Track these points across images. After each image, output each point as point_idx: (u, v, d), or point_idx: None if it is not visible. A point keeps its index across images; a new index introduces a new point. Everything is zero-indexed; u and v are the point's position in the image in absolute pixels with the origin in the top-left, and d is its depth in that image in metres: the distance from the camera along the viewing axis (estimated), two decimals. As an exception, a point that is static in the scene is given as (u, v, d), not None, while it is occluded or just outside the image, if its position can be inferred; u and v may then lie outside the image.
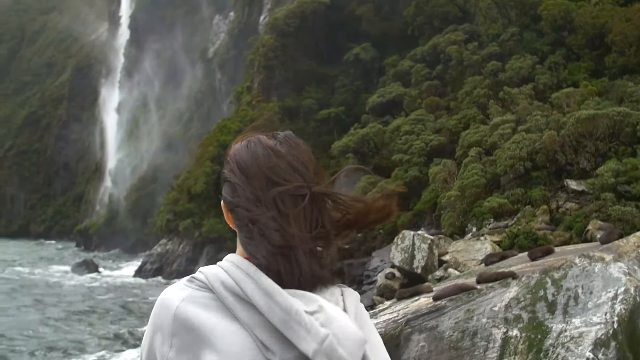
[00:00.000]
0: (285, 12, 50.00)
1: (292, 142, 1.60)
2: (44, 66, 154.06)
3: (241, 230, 1.53)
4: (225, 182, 1.60)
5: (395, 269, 18.03)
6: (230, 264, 1.48)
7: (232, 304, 1.41)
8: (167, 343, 1.44)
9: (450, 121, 30.06)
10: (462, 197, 22.03)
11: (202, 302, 1.44)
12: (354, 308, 1.52)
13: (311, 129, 44.37)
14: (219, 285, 1.44)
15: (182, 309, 1.44)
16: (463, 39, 35.23)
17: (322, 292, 1.49)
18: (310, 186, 1.51)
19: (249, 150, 1.57)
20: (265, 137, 1.60)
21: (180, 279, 1.55)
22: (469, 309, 10.12)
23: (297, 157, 1.56)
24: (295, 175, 1.52)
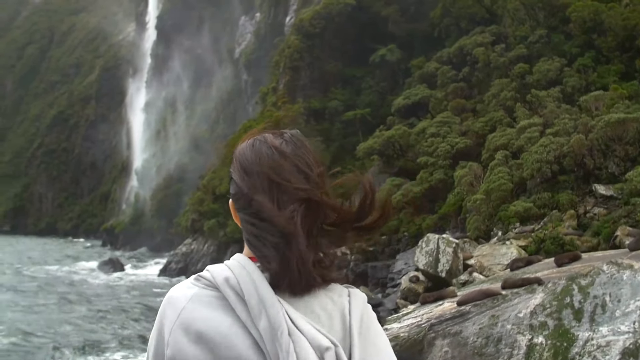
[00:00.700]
0: (311, 13, 50.01)
1: (298, 141, 1.60)
2: (73, 66, 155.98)
3: (244, 229, 1.54)
4: (231, 179, 1.61)
5: (420, 272, 17.90)
6: (237, 263, 1.49)
7: (234, 301, 1.43)
8: (170, 341, 1.46)
9: (476, 124, 29.82)
10: (487, 201, 21.82)
11: (207, 301, 1.46)
12: (359, 311, 1.52)
13: (336, 131, 44.35)
14: (223, 283, 1.46)
15: (189, 308, 1.46)
16: (490, 40, 34.92)
17: (326, 294, 1.51)
18: (311, 190, 1.50)
19: (254, 149, 1.58)
20: (272, 136, 1.61)
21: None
22: (493, 315, 10.02)
23: (302, 158, 1.55)
24: (299, 176, 1.51)
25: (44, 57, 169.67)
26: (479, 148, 27.41)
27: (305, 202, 1.48)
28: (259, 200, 1.48)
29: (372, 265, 28.02)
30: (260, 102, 57.22)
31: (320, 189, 1.53)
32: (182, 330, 1.45)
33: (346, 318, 1.49)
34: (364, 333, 1.49)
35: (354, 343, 1.45)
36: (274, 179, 1.49)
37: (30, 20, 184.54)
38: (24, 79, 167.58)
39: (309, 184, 1.51)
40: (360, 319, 1.50)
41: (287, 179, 1.49)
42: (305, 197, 1.48)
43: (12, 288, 34.19)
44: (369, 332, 1.50)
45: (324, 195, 1.53)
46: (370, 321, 1.54)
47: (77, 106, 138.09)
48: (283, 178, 1.49)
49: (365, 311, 1.54)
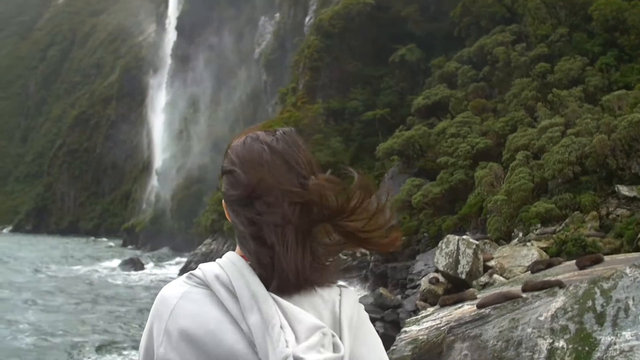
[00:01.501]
0: (330, 13, 49.97)
1: (290, 139, 1.59)
2: (94, 67, 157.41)
3: (235, 227, 1.55)
4: (222, 176, 1.61)
5: (439, 273, 17.77)
6: (228, 260, 1.50)
7: (224, 298, 1.43)
8: (160, 340, 1.47)
9: (497, 124, 29.59)
10: (508, 202, 21.63)
11: (198, 298, 1.47)
12: (349, 310, 1.51)
13: (356, 131, 44.30)
14: (213, 280, 1.46)
15: (179, 306, 1.47)
16: (511, 39, 34.63)
17: (317, 292, 1.50)
18: (301, 189, 1.49)
19: (245, 146, 1.58)
20: (264, 133, 1.61)
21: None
22: (513, 318, 9.92)
23: (293, 155, 1.54)
24: (289, 174, 1.51)
25: (66, 58, 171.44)
26: (500, 148, 27.18)
27: (296, 201, 1.47)
28: (248, 198, 1.48)
29: (391, 266, 27.93)
30: (279, 103, 57.27)
31: (310, 187, 1.50)
32: (173, 328, 1.45)
33: (336, 317, 1.48)
34: (353, 332, 1.48)
35: (343, 340, 1.43)
36: (264, 176, 1.49)
37: (53, 22, 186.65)
38: (47, 80, 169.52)
39: (299, 183, 1.50)
40: (350, 318, 1.49)
41: (277, 177, 1.48)
42: (295, 196, 1.47)
43: (32, 288, 34.50)
44: (359, 331, 1.50)
45: (315, 194, 1.50)
46: (361, 320, 1.53)
47: (98, 106, 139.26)
48: (273, 176, 1.49)
49: (356, 311, 1.53)
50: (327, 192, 1.51)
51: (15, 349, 19.88)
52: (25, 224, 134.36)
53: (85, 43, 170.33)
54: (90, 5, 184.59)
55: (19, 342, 20.74)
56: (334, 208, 1.51)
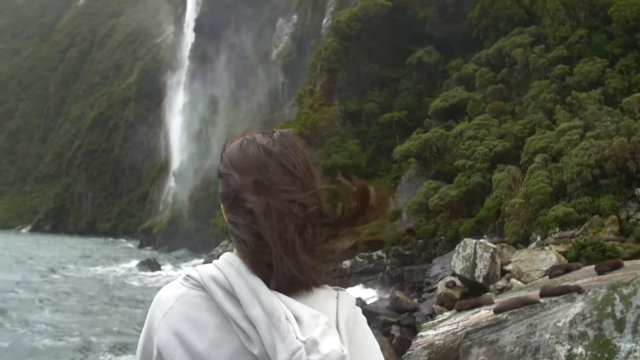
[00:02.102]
0: (348, 15, 49.92)
1: (287, 141, 1.57)
2: (112, 68, 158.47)
3: (231, 227, 1.53)
4: (219, 178, 1.60)
5: (456, 277, 17.64)
6: (224, 261, 1.50)
7: (220, 299, 1.42)
8: (155, 342, 1.47)
9: (515, 126, 29.37)
10: (526, 205, 21.44)
11: (194, 301, 1.46)
12: (345, 313, 1.50)
13: (373, 133, 44.22)
14: (209, 282, 1.45)
15: (175, 309, 1.47)
16: (529, 41, 34.39)
17: (313, 295, 1.49)
18: (296, 192, 1.48)
19: (241, 148, 1.56)
20: (261, 135, 1.59)
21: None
22: (531, 324, 9.81)
23: (289, 158, 1.53)
24: (284, 177, 1.49)
25: (85, 59, 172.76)
26: (518, 151, 26.98)
27: (290, 204, 1.45)
28: (243, 201, 1.47)
29: (408, 269, 27.82)
30: (297, 104, 57.27)
31: (307, 190, 1.50)
32: (168, 330, 1.45)
33: (332, 319, 1.46)
34: (349, 334, 1.46)
35: (341, 339, 1.42)
36: (259, 179, 1.47)
37: (72, 23, 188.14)
38: (66, 81, 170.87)
39: (295, 186, 1.49)
40: (347, 320, 1.48)
41: (271, 180, 1.48)
42: (289, 199, 1.46)
43: (49, 288, 34.67)
44: (355, 334, 1.49)
45: (311, 197, 1.49)
46: (357, 323, 1.53)
47: (117, 107, 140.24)
48: (268, 178, 1.48)
49: (352, 313, 1.53)
50: (323, 195, 1.53)
51: (31, 348, 19.97)
52: (44, 224, 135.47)
53: (104, 44, 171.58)
54: (109, 7, 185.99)
55: (35, 342, 20.83)
56: (330, 213, 1.52)
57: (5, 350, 19.59)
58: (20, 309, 26.86)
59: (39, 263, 51.09)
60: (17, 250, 67.06)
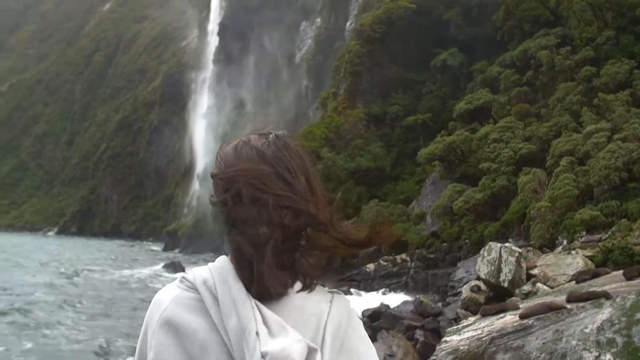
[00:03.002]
0: (371, 18, 49.85)
1: (281, 143, 1.53)
2: (137, 72, 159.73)
3: (224, 232, 1.53)
4: (213, 181, 1.58)
5: (481, 281, 17.46)
6: (218, 265, 1.49)
7: (209, 304, 1.43)
8: (151, 343, 1.47)
9: (540, 129, 29.11)
10: (552, 209, 21.21)
11: (187, 303, 1.46)
12: (338, 317, 1.48)
13: (397, 136, 44.11)
14: (201, 285, 1.46)
15: (170, 310, 1.47)
16: (555, 43, 34.08)
17: (306, 298, 1.47)
18: (287, 196, 1.44)
19: (236, 151, 1.53)
20: (257, 137, 1.56)
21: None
22: (557, 330, 9.64)
23: (283, 161, 1.49)
24: (277, 181, 1.46)
25: (110, 63, 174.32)
26: (544, 154, 26.73)
27: (280, 210, 1.43)
28: (232, 203, 1.46)
29: (432, 273, 27.67)
30: (320, 108, 57.32)
31: (300, 194, 1.46)
32: (162, 332, 1.45)
33: (321, 324, 1.45)
34: (340, 340, 1.46)
35: (324, 350, 1.41)
36: (250, 182, 1.44)
37: (98, 28, 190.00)
38: (92, 85, 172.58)
39: (288, 190, 1.45)
40: (338, 325, 1.47)
41: (263, 183, 1.44)
42: (280, 204, 1.43)
43: (72, 290, 34.83)
44: (349, 338, 1.48)
45: (304, 202, 1.46)
46: (351, 328, 1.51)
47: (142, 111, 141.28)
48: (259, 181, 1.44)
49: (345, 318, 1.51)
50: (321, 199, 1.49)
51: (53, 350, 20.07)
52: (70, 226, 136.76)
53: (130, 49, 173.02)
54: (134, 11, 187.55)
55: (56, 344, 20.90)
56: (320, 217, 1.48)
57: (27, 351, 19.75)
58: (43, 311, 27.01)
59: (64, 265, 51.47)
60: (43, 252, 67.72)
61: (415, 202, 35.24)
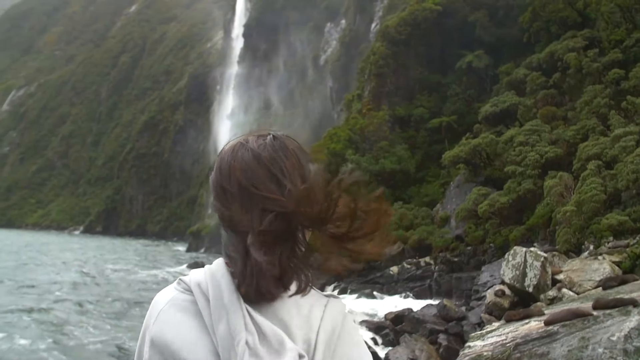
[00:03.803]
0: (396, 20, 49.71)
1: (278, 145, 1.52)
2: (163, 73, 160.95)
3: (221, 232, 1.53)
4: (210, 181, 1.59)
5: (505, 286, 17.30)
6: (214, 267, 1.50)
7: (202, 307, 1.44)
8: (148, 344, 1.48)
9: (567, 132, 28.80)
10: (579, 213, 20.95)
11: (182, 305, 1.48)
12: (331, 322, 1.46)
13: (422, 138, 43.91)
14: (195, 287, 1.47)
15: (165, 312, 1.49)
16: (582, 45, 33.71)
17: (300, 303, 1.46)
18: (279, 199, 1.42)
19: (232, 153, 1.52)
20: (254, 138, 1.55)
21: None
22: (583, 337, 9.51)
23: (277, 163, 1.47)
24: (270, 183, 1.44)
25: (137, 65, 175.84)
26: (570, 157, 26.43)
27: (273, 209, 1.41)
28: (225, 205, 1.46)
29: (456, 277, 27.48)
30: (345, 109, 57.25)
31: (294, 198, 1.43)
32: (156, 333, 1.46)
33: (314, 329, 1.43)
34: (333, 346, 1.44)
35: (316, 357, 1.39)
36: (243, 183, 1.44)
37: (124, 30, 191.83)
38: (118, 86, 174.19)
39: (281, 192, 1.43)
40: (332, 330, 1.44)
41: (255, 185, 1.43)
42: (273, 203, 1.41)
43: (94, 291, 35.06)
44: (342, 344, 1.45)
45: (294, 202, 1.42)
46: (345, 333, 1.48)
47: (167, 112, 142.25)
48: (252, 183, 1.44)
49: (339, 323, 1.48)
50: (308, 200, 1.44)
51: (73, 348, 20.23)
52: (96, 226, 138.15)
53: (155, 50, 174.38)
54: (160, 13, 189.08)
55: (75, 343, 21.08)
56: (313, 216, 1.44)
57: (49, 348, 19.94)
58: (65, 309, 27.22)
59: (87, 264, 51.98)
60: (68, 251, 68.47)
61: (440, 205, 35.06)
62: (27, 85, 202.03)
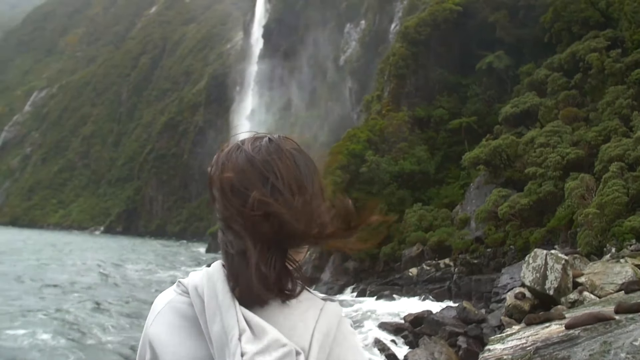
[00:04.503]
0: (416, 21, 49.53)
1: (273, 147, 1.51)
2: (183, 74, 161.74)
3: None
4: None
5: (526, 288, 17.14)
6: (212, 269, 1.49)
7: (198, 310, 1.44)
8: (147, 346, 1.50)
9: (589, 133, 28.53)
10: (600, 215, 20.74)
11: (179, 307, 1.49)
12: (326, 325, 1.44)
13: (441, 139, 43.73)
14: (192, 290, 1.47)
15: (162, 314, 1.50)
16: (605, 45, 33.40)
17: (294, 306, 1.44)
18: (271, 202, 1.40)
19: (228, 155, 1.54)
20: (251, 140, 1.56)
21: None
22: (605, 341, 9.38)
23: (271, 165, 1.46)
24: (262, 187, 1.43)
25: (157, 66, 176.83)
26: (592, 159, 26.20)
27: (264, 212, 1.40)
28: (220, 207, 1.46)
29: (476, 279, 27.33)
30: (364, 110, 57.18)
31: (287, 202, 1.42)
32: (154, 334, 1.48)
33: (309, 332, 1.41)
34: (328, 349, 1.42)
35: (311, 355, 1.38)
36: (236, 185, 1.44)
37: (145, 31, 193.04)
38: (138, 87, 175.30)
39: (273, 196, 1.42)
40: (327, 333, 1.43)
41: (247, 187, 1.43)
42: (264, 206, 1.40)
43: (113, 292, 35.22)
44: (337, 348, 1.44)
45: (288, 209, 1.41)
46: (341, 336, 1.46)
47: (187, 113, 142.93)
48: (244, 185, 1.43)
49: (335, 326, 1.46)
50: (316, 206, 1.46)
51: (89, 348, 20.35)
52: (116, 226, 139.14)
53: (175, 51, 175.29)
54: (180, 14, 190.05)
55: (91, 343, 21.21)
56: (300, 230, 1.42)
57: (66, 347, 20.10)
58: (82, 309, 27.38)
59: (106, 264, 52.30)
60: (89, 251, 69.04)
61: (459, 206, 34.89)
62: (49, 86, 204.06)
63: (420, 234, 33.34)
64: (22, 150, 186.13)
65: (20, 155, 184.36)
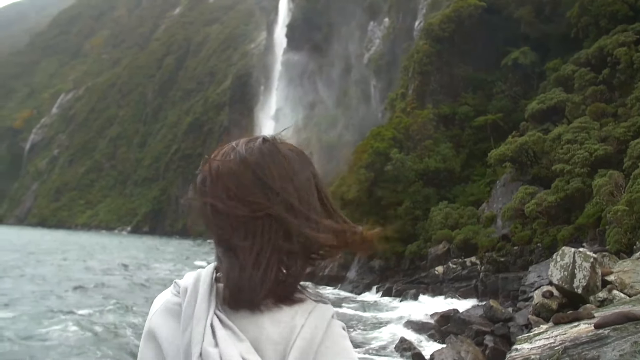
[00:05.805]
0: (440, 17, 49.22)
1: (267, 149, 1.50)
2: (207, 75, 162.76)
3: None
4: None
5: (553, 287, 16.91)
6: (204, 271, 1.48)
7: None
8: (146, 345, 1.49)
9: (617, 129, 28.11)
10: (630, 212, 20.39)
11: (172, 308, 1.47)
12: (310, 333, 1.39)
13: (467, 137, 43.41)
14: (183, 292, 1.46)
15: (157, 314, 1.49)
16: (633, 39, 32.91)
17: (284, 309, 1.41)
18: (265, 204, 1.40)
19: (222, 156, 1.52)
20: (245, 141, 1.54)
21: (330, 285, 1.41)
22: (636, 342, 9.19)
23: (265, 167, 1.45)
24: (255, 189, 1.43)
25: (181, 66, 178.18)
26: (621, 155, 25.80)
27: (256, 214, 1.40)
28: (210, 209, 1.45)
29: (503, 277, 27.09)
30: (389, 108, 56.97)
31: (280, 204, 1.42)
32: (149, 334, 1.48)
33: (292, 337, 1.37)
34: (312, 353, 1.37)
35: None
36: (230, 187, 1.43)
37: (169, 32, 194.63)
38: (163, 88, 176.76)
39: (266, 198, 1.42)
40: (311, 339, 1.38)
41: (240, 189, 1.43)
42: (257, 208, 1.40)
43: (135, 291, 35.44)
44: (324, 352, 1.39)
45: (282, 211, 1.41)
46: (329, 340, 1.41)
47: (211, 113, 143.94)
48: (237, 187, 1.43)
49: (321, 331, 1.41)
50: (312, 210, 1.46)
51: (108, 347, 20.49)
52: (143, 226, 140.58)
53: (199, 52, 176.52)
54: (203, 15, 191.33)
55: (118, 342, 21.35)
56: (295, 228, 1.42)
57: (92, 344, 20.28)
58: (110, 309, 27.54)
59: (134, 264, 52.75)
60: (116, 251, 69.84)
61: (486, 204, 34.61)
62: (75, 88, 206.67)
63: (446, 232, 33.15)
64: (49, 152, 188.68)
65: (48, 157, 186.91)
